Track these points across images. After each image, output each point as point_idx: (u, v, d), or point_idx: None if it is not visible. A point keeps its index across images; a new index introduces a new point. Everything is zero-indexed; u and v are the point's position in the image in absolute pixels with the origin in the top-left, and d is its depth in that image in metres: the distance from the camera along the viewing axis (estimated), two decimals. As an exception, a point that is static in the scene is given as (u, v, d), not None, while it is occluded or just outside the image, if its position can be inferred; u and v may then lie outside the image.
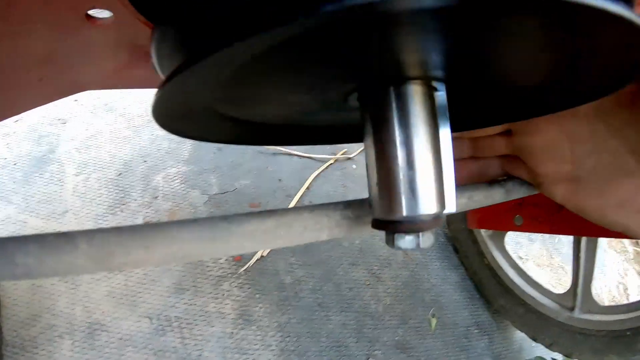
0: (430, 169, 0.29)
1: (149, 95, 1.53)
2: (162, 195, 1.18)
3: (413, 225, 0.30)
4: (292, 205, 1.25)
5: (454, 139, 0.33)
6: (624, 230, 0.37)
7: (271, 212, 0.31)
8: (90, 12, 0.34)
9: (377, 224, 0.32)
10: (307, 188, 1.33)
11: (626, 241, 2.22)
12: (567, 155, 0.38)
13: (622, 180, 0.35)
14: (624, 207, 0.36)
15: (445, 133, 0.32)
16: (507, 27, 0.20)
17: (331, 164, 1.46)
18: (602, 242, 1.98)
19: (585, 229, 0.79)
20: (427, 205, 0.29)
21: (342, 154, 1.51)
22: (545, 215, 0.86)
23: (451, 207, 0.32)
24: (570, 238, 1.84)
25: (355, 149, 1.62)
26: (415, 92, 0.29)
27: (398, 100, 0.28)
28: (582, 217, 0.75)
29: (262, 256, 1.10)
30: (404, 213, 0.29)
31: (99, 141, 1.28)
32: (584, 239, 1.00)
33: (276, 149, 1.43)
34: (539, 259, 1.55)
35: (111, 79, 0.51)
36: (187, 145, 1.35)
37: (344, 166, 1.50)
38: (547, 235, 1.75)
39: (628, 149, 0.34)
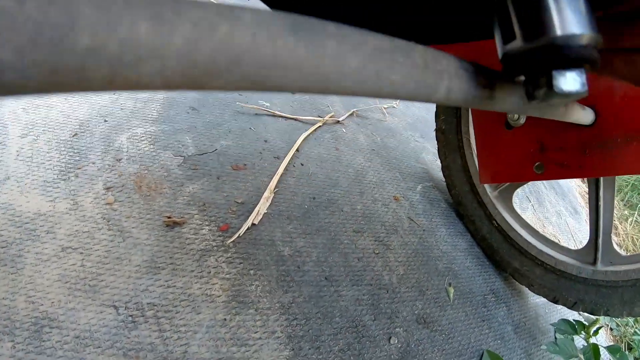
0: None
1: None
2: (127, 158, 0.96)
3: (579, 51, 0.23)
4: (282, 167, 1.07)
5: None
6: None
7: (382, 35, 0.21)
8: None
9: (523, 59, 0.25)
10: (297, 150, 1.16)
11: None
12: None
13: None
14: None
15: None
16: None
17: (319, 126, 1.32)
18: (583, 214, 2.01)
19: (614, 167, 0.76)
20: (588, 24, 0.23)
21: (330, 117, 1.40)
22: (572, 159, 0.82)
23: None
24: (559, 207, 1.86)
25: (342, 113, 1.49)
26: None
27: None
28: (609, 157, 0.74)
29: (252, 224, 0.90)
30: (559, 32, 0.23)
31: (50, 100, 1.05)
32: (602, 189, 0.95)
33: (258, 108, 1.29)
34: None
35: None
36: (155, 104, 1.15)
37: (334, 129, 1.37)
38: (536, 205, 1.71)
39: None
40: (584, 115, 0.65)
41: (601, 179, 0.93)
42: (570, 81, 0.23)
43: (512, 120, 0.88)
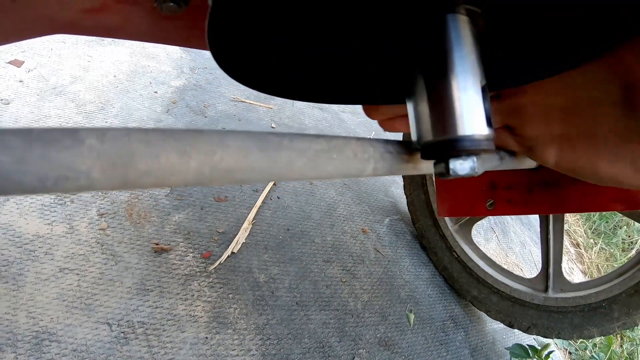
0: (479, 93, 0.32)
1: (102, 81, 1.45)
2: (117, 186, 1.10)
3: (470, 144, 0.32)
4: (260, 199, 1.23)
5: None
6: (615, 183, 0.39)
7: (319, 135, 0.31)
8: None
9: (430, 149, 0.34)
10: (274, 184, 1.32)
11: (566, 241, 2.46)
12: (556, 114, 0.41)
13: (609, 133, 0.38)
14: (616, 160, 0.38)
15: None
16: None
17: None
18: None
19: (557, 206, 0.85)
20: (481, 125, 0.32)
21: None
22: (519, 197, 0.92)
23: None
24: (523, 237, 2.04)
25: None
26: (464, 21, 0.32)
27: (454, 26, 0.31)
28: (552, 196, 0.82)
29: (232, 252, 1.06)
30: (459, 132, 0.31)
31: (45, 126, 1.17)
32: (551, 222, 1.09)
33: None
34: (495, 258, 1.66)
35: (86, 21, 0.50)
36: None
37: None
38: (501, 235, 1.89)
39: (609, 101, 0.37)
40: (529, 162, 0.77)
41: (550, 214, 1.06)
42: (461, 167, 0.32)
43: (467, 163, 1.04)
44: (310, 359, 0.97)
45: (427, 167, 0.40)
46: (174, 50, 1.87)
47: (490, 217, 1.95)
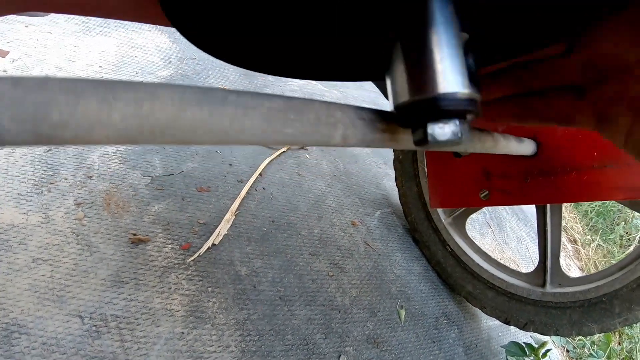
0: (459, 47, 0.29)
1: (87, 71, 1.43)
2: (98, 175, 1.07)
3: (450, 104, 0.29)
4: (244, 190, 1.20)
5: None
6: None
7: (277, 95, 0.27)
8: None
9: (406, 113, 0.31)
10: (260, 174, 1.28)
11: (563, 238, 2.43)
12: None
13: None
14: None
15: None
16: None
17: (284, 151, 1.45)
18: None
19: (554, 195, 0.82)
20: (463, 83, 0.29)
21: None
22: (515, 186, 0.89)
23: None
24: (520, 232, 2.01)
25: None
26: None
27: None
28: (550, 185, 0.78)
29: (213, 244, 1.02)
30: (440, 90, 0.28)
31: None
32: (549, 215, 1.05)
33: None
34: (491, 253, 1.62)
35: None
36: None
37: (297, 155, 1.49)
38: (497, 231, 1.86)
39: None
40: (524, 148, 0.73)
41: (548, 205, 1.03)
42: (441, 131, 0.29)
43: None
44: (294, 356, 0.93)
45: (406, 138, 0.36)
46: (163, 42, 1.84)
47: (485, 212, 1.91)
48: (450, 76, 0.28)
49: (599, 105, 0.36)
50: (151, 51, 1.73)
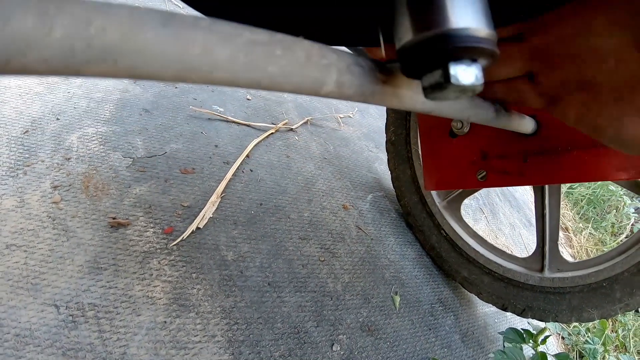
0: None
1: None
2: (77, 157, 1.02)
3: (473, 40, 0.25)
4: (230, 172, 1.15)
5: None
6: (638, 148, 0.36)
7: (263, 29, 0.23)
8: None
9: (415, 54, 0.27)
10: (247, 156, 1.24)
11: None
12: (587, 57, 0.36)
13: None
14: None
15: None
16: None
17: (272, 133, 1.40)
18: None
19: (555, 175, 0.81)
20: (482, 20, 0.25)
21: (283, 124, 1.47)
22: (513, 166, 0.87)
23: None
24: (513, 219, 1.99)
25: (296, 121, 1.58)
26: None
27: None
28: (549, 165, 0.78)
29: (197, 228, 0.97)
30: (455, 24, 0.25)
31: (3, 96, 1.11)
32: (547, 196, 1.03)
33: (212, 113, 1.36)
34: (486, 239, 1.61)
35: None
36: (108, 105, 1.22)
37: (286, 137, 1.45)
38: (490, 217, 1.83)
39: None
40: (525, 124, 0.70)
41: (546, 187, 1.01)
42: (464, 74, 0.25)
43: (456, 129, 0.93)
44: (284, 345, 0.89)
45: (410, 95, 0.32)
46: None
47: (478, 197, 1.89)
48: (467, 10, 0.25)
49: (549, 89, 0.40)
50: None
